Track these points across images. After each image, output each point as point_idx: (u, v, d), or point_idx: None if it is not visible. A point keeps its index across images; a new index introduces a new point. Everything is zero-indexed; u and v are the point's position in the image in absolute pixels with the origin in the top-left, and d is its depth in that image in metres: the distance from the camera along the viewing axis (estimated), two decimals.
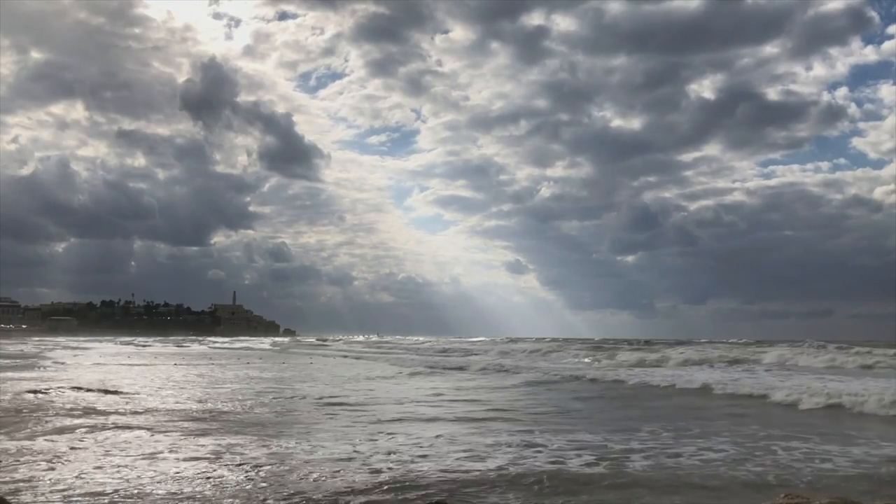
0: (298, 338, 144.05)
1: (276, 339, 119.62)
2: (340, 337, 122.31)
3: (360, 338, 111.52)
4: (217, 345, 74.73)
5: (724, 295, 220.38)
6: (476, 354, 46.51)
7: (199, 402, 15.11)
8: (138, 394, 16.52)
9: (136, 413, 12.91)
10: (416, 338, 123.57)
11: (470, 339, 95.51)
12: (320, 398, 16.34)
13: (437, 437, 10.49)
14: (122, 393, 16.54)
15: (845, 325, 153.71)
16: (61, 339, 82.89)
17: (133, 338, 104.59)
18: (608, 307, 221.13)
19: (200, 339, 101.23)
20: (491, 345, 66.55)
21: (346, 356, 46.56)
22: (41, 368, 26.64)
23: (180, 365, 31.37)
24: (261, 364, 33.63)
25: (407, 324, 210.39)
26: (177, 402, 14.86)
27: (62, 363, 30.81)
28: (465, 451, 9.37)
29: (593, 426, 11.90)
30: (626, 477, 7.98)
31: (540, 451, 9.44)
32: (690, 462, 8.82)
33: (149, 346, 65.33)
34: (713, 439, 10.39)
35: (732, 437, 10.63)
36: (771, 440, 10.36)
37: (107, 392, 16.56)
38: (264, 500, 6.76)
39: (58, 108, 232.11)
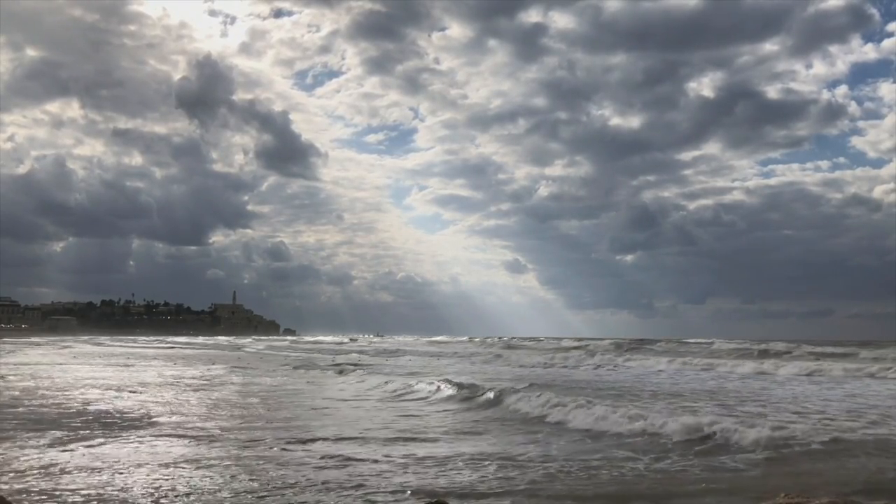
0: (263, 337, 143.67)
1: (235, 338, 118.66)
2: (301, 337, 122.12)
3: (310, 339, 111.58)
4: (177, 345, 74.72)
5: (723, 294, 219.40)
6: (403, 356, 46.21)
7: None
8: None
9: None
10: (399, 337, 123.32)
11: (457, 339, 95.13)
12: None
13: None
14: None
15: (845, 324, 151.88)
16: (38, 340, 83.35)
17: (93, 336, 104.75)
18: (608, 307, 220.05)
19: (168, 338, 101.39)
20: (434, 345, 66.19)
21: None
22: None
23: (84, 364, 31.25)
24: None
25: (406, 323, 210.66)
26: None
27: None
28: None
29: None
30: None
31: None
32: None
33: (111, 346, 65.70)
34: None
35: None
36: None
37: None
38: None
39: (53, 107, 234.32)
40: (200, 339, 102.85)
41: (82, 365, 31.33)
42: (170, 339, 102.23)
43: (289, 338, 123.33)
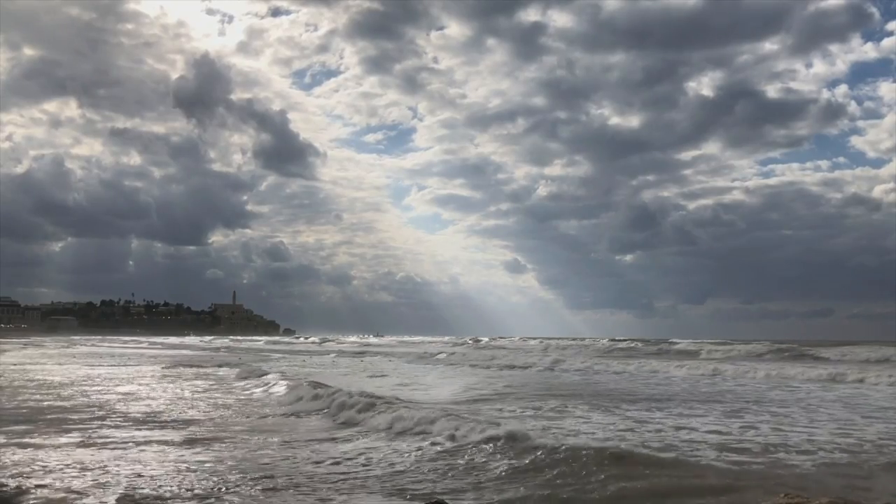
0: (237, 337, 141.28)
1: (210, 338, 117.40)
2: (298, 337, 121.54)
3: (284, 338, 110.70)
4: (155, 346, 74.40)
5: (723, 295, 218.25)
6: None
7: None
8: None
9: None
10: (391, 338, 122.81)
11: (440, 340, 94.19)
12: None
13: None
14: None
15: (845, 324, 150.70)
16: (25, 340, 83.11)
17: (76, 337, 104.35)
18: (607, 307, 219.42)
19: (157, 339, 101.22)
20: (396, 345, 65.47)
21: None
22: None
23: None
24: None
25: (406, 323, 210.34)
26: None
27: None
28: None
29: None
30: None
31: None
32: None
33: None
34: None
35: None
36: None
37: None
38: None
39: (51, 106, 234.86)
40: (186, 340, 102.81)
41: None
42: (159, 339, 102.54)
43: (265, 338, 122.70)
